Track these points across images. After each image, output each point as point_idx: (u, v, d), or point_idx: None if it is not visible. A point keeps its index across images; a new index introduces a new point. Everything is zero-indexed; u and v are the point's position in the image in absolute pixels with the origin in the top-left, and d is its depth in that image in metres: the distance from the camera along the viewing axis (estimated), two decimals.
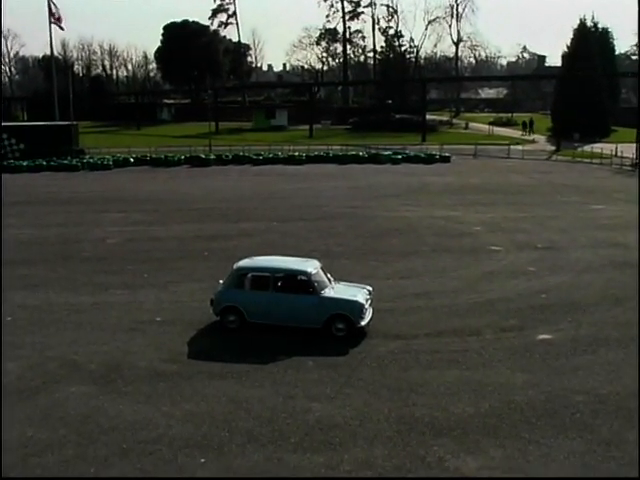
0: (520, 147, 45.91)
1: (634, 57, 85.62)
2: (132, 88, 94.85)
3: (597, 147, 44.17)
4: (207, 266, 16.04)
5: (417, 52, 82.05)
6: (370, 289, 11.96)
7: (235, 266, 11.85)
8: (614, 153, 40.99)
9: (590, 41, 54.80)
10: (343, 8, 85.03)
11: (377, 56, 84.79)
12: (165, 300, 13.33)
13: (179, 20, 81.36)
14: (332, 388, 9.33)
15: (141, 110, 73.65)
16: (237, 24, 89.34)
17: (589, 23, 58.75)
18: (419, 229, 20.68)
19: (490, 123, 67.61)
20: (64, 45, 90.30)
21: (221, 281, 12.04)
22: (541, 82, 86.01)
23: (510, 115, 73.99)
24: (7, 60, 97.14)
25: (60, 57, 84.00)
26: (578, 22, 56.50)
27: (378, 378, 9.64)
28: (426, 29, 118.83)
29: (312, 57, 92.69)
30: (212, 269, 15.56)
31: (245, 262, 12.01)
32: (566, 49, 56.95)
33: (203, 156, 42.03)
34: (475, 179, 33.21)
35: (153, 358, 10.32)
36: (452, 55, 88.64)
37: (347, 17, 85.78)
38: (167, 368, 9.94)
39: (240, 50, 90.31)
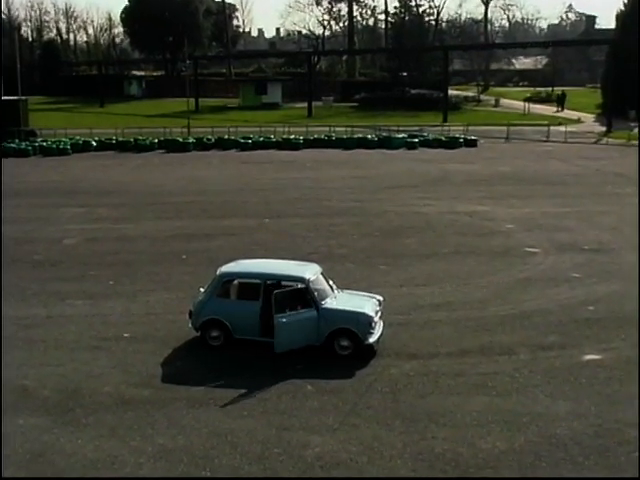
0: (563, 128, 45.96)
1: None
2: (94, 57, 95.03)
3: None
4: (185, 271, 16.05)
5: (438, 14, 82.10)
6: (380, 299, 11.98)
7: (219, 271, 11.86)
8: None
9: None
10: None
11: (389, 19, 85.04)
12: (134, 312, 13.36)
13: None
14: (335, 418, 9.34)
15: (105, 83, 73.69)
16: None
17: None
18: (439, 227, 20.69)
19: (526, 99, 67.58)
20: (8, 2, 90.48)
21: (202, 289, 12.06)
22: (590, 49, 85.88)
23: (550, 89, 74.01)
24: None
25: (4, 18, 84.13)
26: None
27: (390, 406, 9.65)
28: None
29: (311, 20, 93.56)
30: (191, 275, 15.58)
31: (231, 267, 12.02)
32: (622, 8, 56.73)
33: (180, 139, 42.13)
34: (507, 167, 33.26)
35: (120, 382, 10.34)
36: (480, 17, 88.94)
37: None
38: (137, 394, 9.96)
39: (225, 11, 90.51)
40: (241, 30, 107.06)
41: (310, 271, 11.63)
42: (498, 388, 10.19)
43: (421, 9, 79.24)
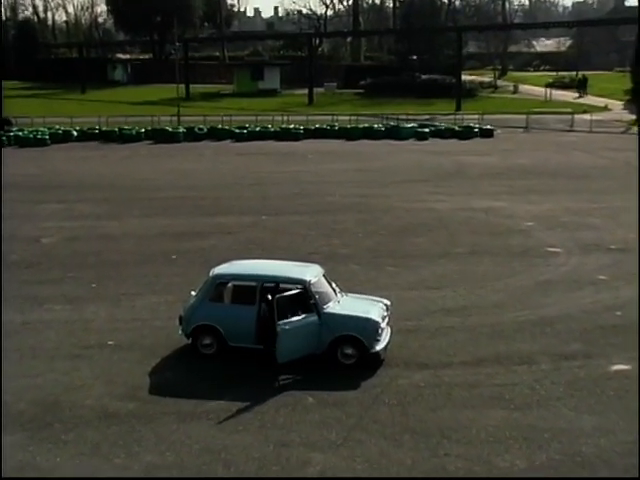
0: (588, 116, 45.92)
1: None
2: (74, 38, 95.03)
3: None
4: (175, 273, 16.06)
5: None
6: (387, 303, 11.99)
7: (212, 273, 11.87)
8: None
9: None
10: None
11: None
12: (119, 318, 13.37)
13: None
14: (338, 433, 9.35)
15: (87, 68, 73.73)
16: None
17: None
18: (452, 225, 20.69)
19: (547, 85, 67.54)
20: None
21: (193, 292, 12.07)
22: (618, 29, 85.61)
23: (575, 74, 73.87)
24: None
25: None
26: None
27: (399, 420, 9.66)
28: None
29: None
30: (181, 277, 15.58)
31: (225, 268, 12.02)
32: None
33: (169, 129, 42.15)
34: (526, 159, 33.24)
35: (103, 394, 10.35)
36: None
37: None
38: (122, 407, 9.97)
39: None
40: (236, 10, 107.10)
41: (311, 273, 11.63)
42: (517, 401, 10.18)
43: None
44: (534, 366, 11.32)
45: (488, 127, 42.95)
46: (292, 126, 43.50)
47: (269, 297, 11.37)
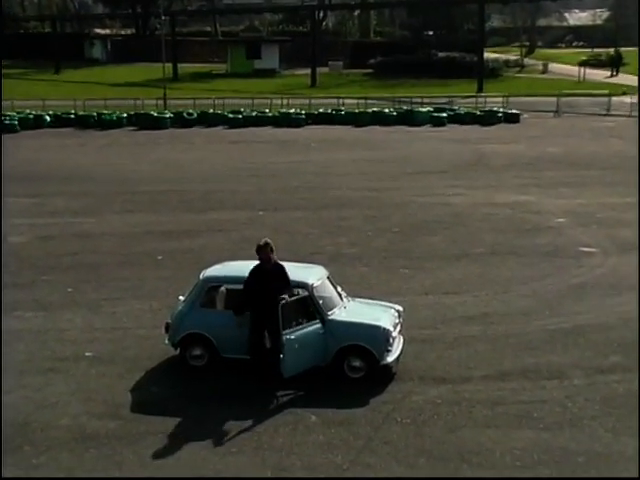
0: (628, 99, 45.88)
1: None
2: (46, 10, 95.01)
3: None
4: (161, 276, 16.09)
5: None
6: (400, 309, 11.99)
7: (202, 276, 11.88)
8: None
9: None
10: None
11: None
12: (98, 326, 13.39)
13: None
14: (345, 456, 9.34)
15: (61, 44, 73.80)
16: None
17: None
18: (473, 221, 20.69)
19: (581, 63, 67.44)
20: None
21: (181, 297, 12.08)
22: None
23: (613, 51, 73.68)
24: None
25: None
26: None
27: (413, 441, 9.65)
28: None
29: None
30: (168, 280, 15.61)
31: (217, 270, 12.04)
32: None
33: (155, 114, 42.24)
34: (557, 147, 33.22)
35: (80, 413, 10.35)
36: None
37: None
38: (101, 427, 9.97)
39: None
40: None
41: (314, 275, 11.63)
42: (546, 420, 10.17)
43: None
44: (566, 381, 11.29)
45: (514, 111, 42.95)
46: (293, 111, 43.55)
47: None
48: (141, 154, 32.58)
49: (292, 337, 10.82)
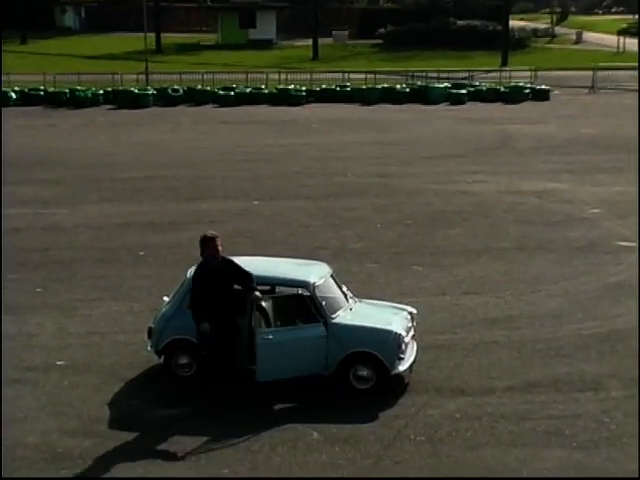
0: None
1: None
2: None
3: None
4: (143, 274, 16.08)
5: None
6: (413, 312, 11.96)
7: (189, 274, 11.84)
8: None
9: None
10: None
11: None
12: (72, 331, 13.37)
13: None
14: (351, 477, 9.33)
15: (28, 11, 73.57)
16: None
17: None
18: (495, 212, 20.67)
19: (621, 32, 67.22)
20: None
21: (166, 298, 12.06)
22: None
23: None
24: None
25: None
26: None
27: (428, 461, 9.63)
28: None
29: None
30: (151, 279, 15.60)
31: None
32: None
33: (135, 90, 42.22)
34: (592, 128, 33.16)
35: (50, 429, 10.32)
36: None
37: None
38: (74, 446, 9.94)
39: None
40: None
41: (316, 273, 11.61)
42: (580, 437, 10.13)
43: None
44: (602, 393, 11.26)
45: (543, 87, 42.91)
46: (292, 87, 43.53)
47: (263, 304, 11.36)
48: (120, 136, 32.55)
49: (270, 337, 10.83)
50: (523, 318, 13.87)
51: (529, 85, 43.77)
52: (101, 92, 41.74)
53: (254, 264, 11.79)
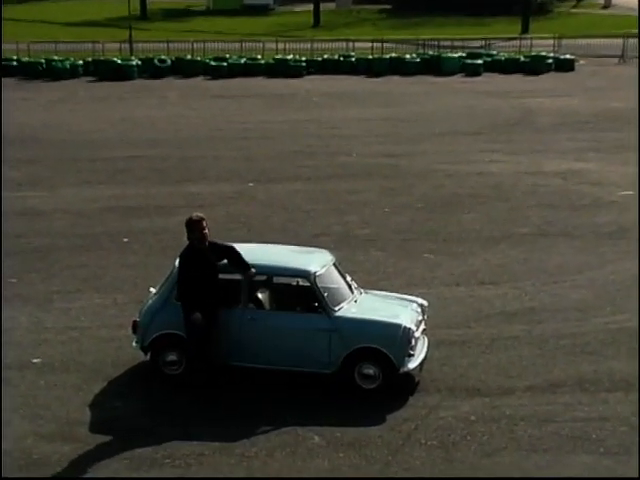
0: None
1: None
2: None
3: None
4: (127, 263, 16.09)
5: None
6: (424, 304, 11.97)
7: (179, 263, 11.85)
8: None
9: None
10: None
11: None
12: (49, 326, 13.37)
13: None
14: None
15: None
16: None
17: None
18: (515, 195, 20.67)
19: None
20: None
21: (153, 290, 12.06)
22: None
23: None
24: None
25: None
26: None
27: (440, 468, 9.64)
28: None
29: None
30: (136, 268, 15.61)
31: None
32: None
33: (118, 61, 42.11)
34: (622, 102, 33.03)
35: (25, 433, 10.32)
36: None
37: None
38: (52, 451, 9.95)
39: None
40: None
41: (317, 262, 11.61)
42: (608, 442, 10.13)
43: None
44: (632, 394, 11.25)
45: (567, 57, 42.80)
46: (291, 57, 43.43)
47: (259, 296, 11.37)
48: (102, 111, 32.49)
49: (252, 317, 11.00)
50: (545, 311, 13.85)
51: (552, 54, 43.65)
52: (80, 63, 41.66)
53: (249, 252, 11.78)
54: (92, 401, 11.07)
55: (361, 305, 11.54)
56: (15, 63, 41.76)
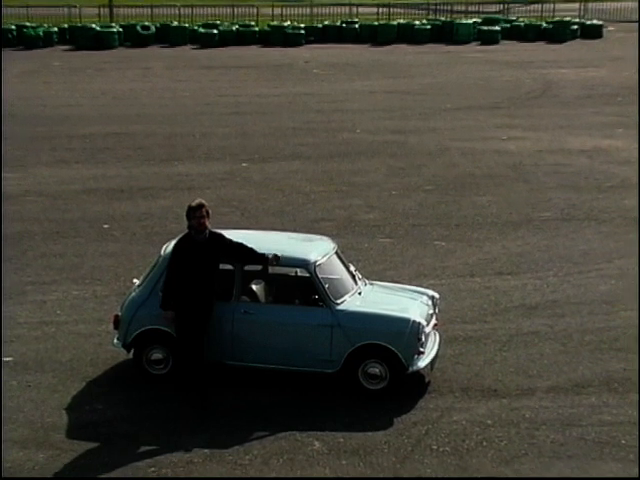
0: None
1: None
2: None
3: None
4: (108, 251, 16.08)
5: None
6: (435, 296, 11.97)
7: (164, 251, 11.83)
8: None
9: None
10: None
11: None
12: (22, 321, 13.36)
13: None
14: None
15: None
16: None
17: None
18: (535, 175, 20.68)
19: None
20: None
21: (136, 281, 12.05)
22: None
23: None
24: None
25: None
26: None
27: (454, 477, 9.65)
28: None
29: None
30: (118, 257, 15.60)
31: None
32: None
33: (97, 28, 42.00)
34: None
35: None
36: None
37: None
38: (25, 459, 9.95)
39: None
40: None
41: (317, 250, 11.59)
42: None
43: None
44: None
45: (594, 22, 42.73)
46: (288, 24, 43.34)
47: (254, 288, 11.36)
48: (79, 84, 32.45)
49: (246, 311, 11.00)
50: (569, 304, 13.85)
51: (577, 20, 43.54)
52: (55, 30, 41.61)
53: (242, 240, 11.78)
54: (69, 404, 11.06)
55: (366, 298, 11.53)
56: None
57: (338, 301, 11.20)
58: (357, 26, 43.07)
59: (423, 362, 11.17)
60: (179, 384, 11.16)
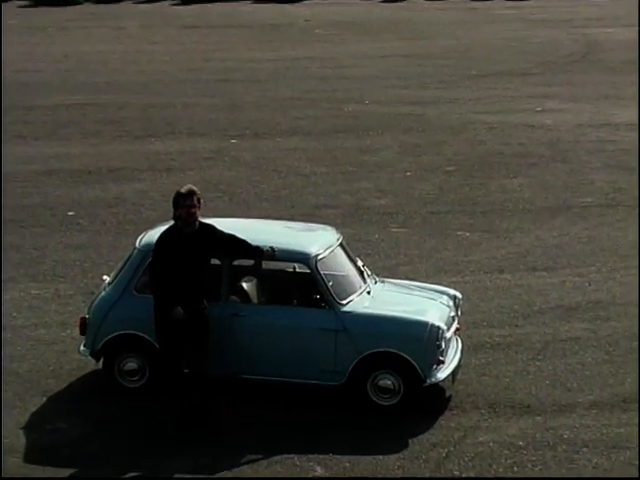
0: None
1: None
2: None
3: None
4: (74, 243, 16.11)
5: None
6: (457, 296, 12.00)
7: (139, 244, 11.86)
8: None
9: None
10: None
11: None
12: None
13: None
14: None
15: None
16: None
17: None
18: (576, 154, 20.69)
19: None
20: None
21: (106, 278, 12.07)
22: None
23: None
24: None
25: None
26: None
27: None
28: None
29: None
30: (84, 250, 15.62)
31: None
32: None
33: None
34: None
35: None
36: None
37: None
38: None
39: None
40: None
41: (319, 242, 11.62)
42: None
43: None
44: None
45: None
46: None
47: (244, 286, 11.38)
48: (39, 46, 32.43)
49: (236, 313, 11.03)
50: (614, 305, 13.87)
51: None
52: None
53: (232, 231, 11.81)
54: (27, 422, 11.08)
55: (376, 298, 11.57)
56: None
57: (343, 302, 11.23)
58: None
59: (443, 373, 11.20)
60: (158, 399, 11.17)
